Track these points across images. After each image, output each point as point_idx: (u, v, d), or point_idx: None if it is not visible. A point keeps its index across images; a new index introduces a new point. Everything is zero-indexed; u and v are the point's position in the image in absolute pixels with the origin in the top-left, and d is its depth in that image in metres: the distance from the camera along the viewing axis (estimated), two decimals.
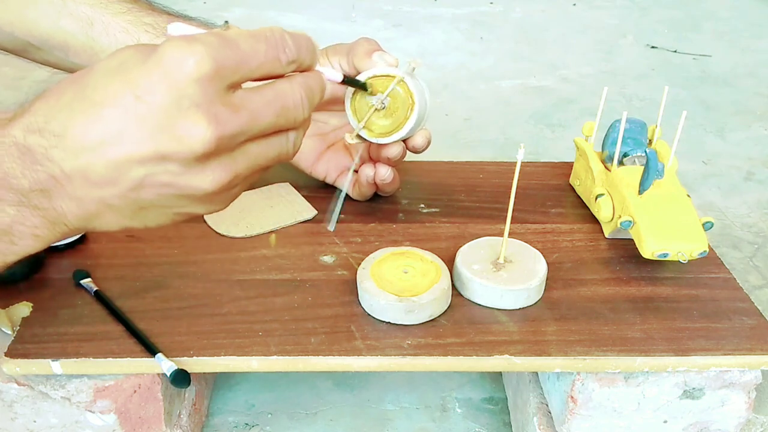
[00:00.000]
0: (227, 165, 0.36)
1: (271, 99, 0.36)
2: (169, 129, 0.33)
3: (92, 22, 0.61)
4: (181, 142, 0.34)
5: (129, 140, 0.34)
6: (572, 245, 0.60)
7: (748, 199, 1.02)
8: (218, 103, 0.34)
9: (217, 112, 0.34)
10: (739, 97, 1.37)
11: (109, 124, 0.34)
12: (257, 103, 0.36)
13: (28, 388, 0.49)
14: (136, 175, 0.35)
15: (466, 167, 0.72)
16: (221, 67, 0.34)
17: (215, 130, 0.34)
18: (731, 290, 0.56)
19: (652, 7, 1.92)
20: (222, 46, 0.34)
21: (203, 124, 0.34)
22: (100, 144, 0.34)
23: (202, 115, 0.34)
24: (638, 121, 0.63)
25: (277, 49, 0.36)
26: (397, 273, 0.52)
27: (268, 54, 0.36)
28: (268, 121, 0.36)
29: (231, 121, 0.34)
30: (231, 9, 1.82)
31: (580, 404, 0.51)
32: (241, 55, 0.35)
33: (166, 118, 0.33)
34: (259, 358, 0.48)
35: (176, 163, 0.34)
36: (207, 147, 0.34)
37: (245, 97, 0.35)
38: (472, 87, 1.40)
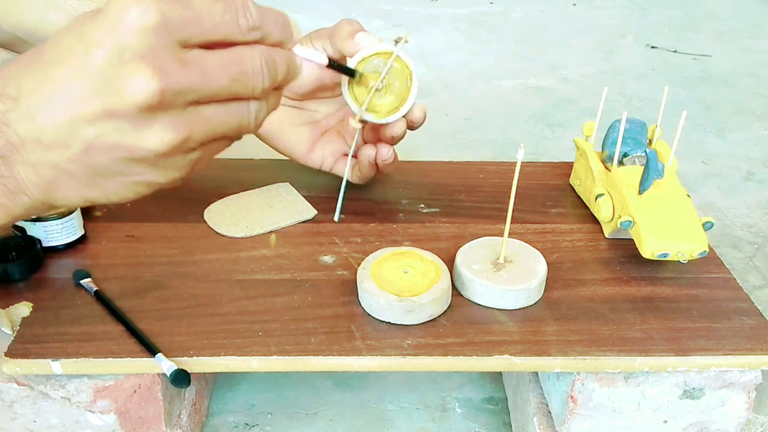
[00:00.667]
0: (176, 123, 0.34)
1: (227, 61, 0.35)
2: (112, 82, 0.33)
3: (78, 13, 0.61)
4: (122, 95, 0.33)
5: (77, 97, 0.33)
6: (572, 245, 0.60)
7: (748, 199, 1.02)
8: (164, 56, 0.33)
9: (162, 63, 0.33)
10: (739, 97, 1.37)
11: (58, 83, 0.33)
12: (211, 63, 0.34)
13: (28, 388, 0.49)
14: (86, 135, 0.34)
15: (466, 167, 0.72)
16: (168, 20, 0.33)
17: (159, 80, 0.32)
18: (731, 290, 0.56)
19: (652, 7, 1.92)
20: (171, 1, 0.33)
21: (146, 74, 0.32)
22: (50, 104, 0.33)
23: (144, 65, 0.32)
24: (638, 121, 0.63)
25: (236, 13, 0.35)
26: (397, 273, 0.52)
27: (224, 16, 0.34)
28: (222, 83, 0.35)
29: (178, 74, 0.33)
30: None
31: (580, 404, 0.51)
32: (192, 12, 0.34)
33: (110, 70, 0.33)
34: (259, 358, 0.48)
35: (122, 119, 0.33)
36: (150, 98, 0.33)
37: (197, 55, 0.34)
38: (472, 87, 1.40)
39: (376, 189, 0.67)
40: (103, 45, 0.33)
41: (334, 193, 0.64)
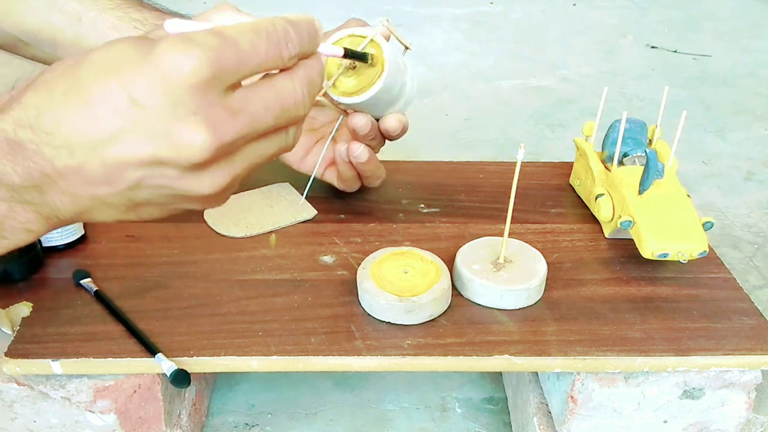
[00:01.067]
0: (226, 169, 0.35)
1: (272, 101, 0.35)
2: (166, 135, 0.32)
3: (81, 18, 0.60)
4: (178, 150, 0.33)
5: (125, 143, 0.33)
6: (572, 245, 0.60)
7: (748, 199, 1.02)
8: (216, 108, 0.33)
9: (215, 118, 0.33)
10: (739, 97, 1.37)
11: (104, 125, 0.33)
12: (257, 106, 0.35)
13: (28, 388, 0.49)
14: (132, 176, 0.34)
15: (466, 167, 0.72)
16: (220, 71, 0.33)
17: (214, 137, 0.33)
18: (731, 290, 0.56)
19: (652, 7, 1.92)
20: (221, 48, 0.33)
21: (202, 133, 0.32)
22: (95, 144, 0.33)
23: (200, 123, 0.32)
24: (638, 121, 0.63)
25: (279, 46, 0.35)
26: (397, 273, 0.52)
27: (269, 52, 0.35)
28: (268, 123, 0.36)
29: (230, 126, 0.33)
30: None
31: (580, 404, 0.51)
32: (240, 56, 0.33)
33: (163, 124, 0.32)
34: (259, 358, 0.48)
35: (174, 168, 0.34)
36: (206, 155, 0.33)
37: (244, 99, 0.34)
38: (472, 87, 1.40)
39: (376, 189, 0.66)
40: (154, 97, 0.32)
41: (334, 194, 0.64)
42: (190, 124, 0.32)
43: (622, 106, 1.28)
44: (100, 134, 0.33)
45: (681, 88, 1.39)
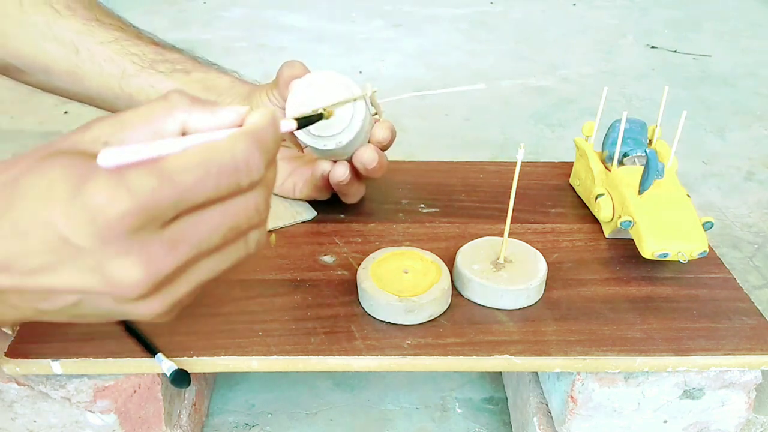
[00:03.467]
0: (167, 296, 0.33)
1: (218, 223, 0.32)
2: (99, 272, 0.31)
3: (77, 49, 0.59)
4: (113, 286, 0.31)
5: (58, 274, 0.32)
6: (572, 245, 0.60)
7: (748, 199, 1.02)
8: (151, 245, 0.31)
9: (150, 254, 0.31)
10: (739, 97, 1.37)
11: (36, 256, 0.31)
12: (201, 231, 0.32)
13: (28, 388, 0.49)
14: (70, 299, 0.33)
15: (466, 167, 0.72)
16: (153, 213, 0.30)
17: (148, 274, 0.31)
18: (731, 290, 0.56)
19: (652, 7, 1.92)
20: (155, 191, 0.30)
21: (134, 271, 0.31)
22: (29, 271, 0.32)
23: (132, 262, 0.31)
24: (638, 121, 0.63)
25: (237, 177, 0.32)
26: (397, 273, 0.52)
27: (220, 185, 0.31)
28: (215, 243, 0.33)
29: (168, 259, 0.31)
30: (231, 9, 1.82)
31: (580, 404, 0.51)
32: (180, 194, 0.31)
33: (95, 262, 0.31)
34: (259, 358, 0.48)
35: (111, 298, 0.32)
36: (142, 290, 0.31)
37: (185, 229, 0.32)
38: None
39: (376, 189, 0.66)
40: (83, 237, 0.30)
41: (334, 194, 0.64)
42: (122, 264, 0.31)
43: (622, 106, 1.28)
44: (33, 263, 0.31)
45: (681, 88, 1.39)
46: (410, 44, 1.62)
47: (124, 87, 0.60)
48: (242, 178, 0.32)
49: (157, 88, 0.59)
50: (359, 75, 1.43)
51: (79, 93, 0.62)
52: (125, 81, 0.60)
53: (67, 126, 1.17)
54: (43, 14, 0.59)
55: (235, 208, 0.33)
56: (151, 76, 0.60)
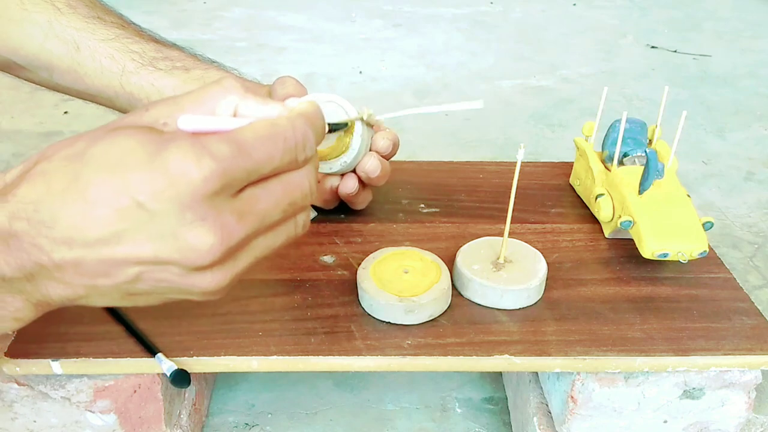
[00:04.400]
0: (231, 268, 0.34)
1: (280, 196, 0.34)
2: (171, 238, 0.32)
3: (78, 47, 0.60)
4: (184, 253, 0.32)
5: (127, 242, 0.32)
6: (572, 245, 0.60)
7: (748, 199, 1.02)
8: (225, 213, 0.32)
9: (223, 222, 0.32)
10: (739, 97, 1.37)
11: (105, 225, 0.32)
12: (265, 204, 0.34)
13: (28, 388, 0.49)
14: (132, 271, 0.33)
15: (466, 167, 0.72)
16: (231, 180, 0.32)
17: (221, 242, 0.32)
18: (731, 290, 0.56)
19: (652, 7, 1.92)
20: (233, 158, 0.32)
21: (209, 238, 0.32)
22: (94, 242, 0.32)
23: (208, 229, 0.32)
24: (638, 121, 0.63)
25: (296, 151, 0.34)
26: (397, 273, 0.52)
27: (284, 158, 0.34)
28: (276, 218, 0.35)
29: (238, 229, 0.33)
30: (231, 9, 1.82)
31: (580, 404, 0.51)
32: (254, 164, 0.33)
33: (169, 227, 0.32)
34: (259, 358, 0.48)
35: (177, 267, 0.33)
36: (213, 257, 0.33)
37: (252, 199, 0.34)
38: (472, 87, 1.40)
39: (376, 189, 0.66)
40: (161, 202, 0.31)
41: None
42: (197, 230, 0.32)
43: (622, 106, 1.28)
44: (100, 233, 0.32)
45: (681, 88, 1.39)
46: (410, 44, 1.62)
47: (125, 85, 0.60)
48: (299, 153, 0.34)
49: (157, 85, 0.60)
50: (359, 75, 1.43)
51: (80, 91, 0.62)
52: (125, 78, 0.60)
53: (68, 126, 1.17)
54: (45, 12, 0.59)
55: (293, 182, 0.35)
56: (151, 73, 0.60)
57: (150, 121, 0.35)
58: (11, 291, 0.34)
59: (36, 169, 0.33)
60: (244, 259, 0.35)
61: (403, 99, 1.31)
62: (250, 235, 0.34)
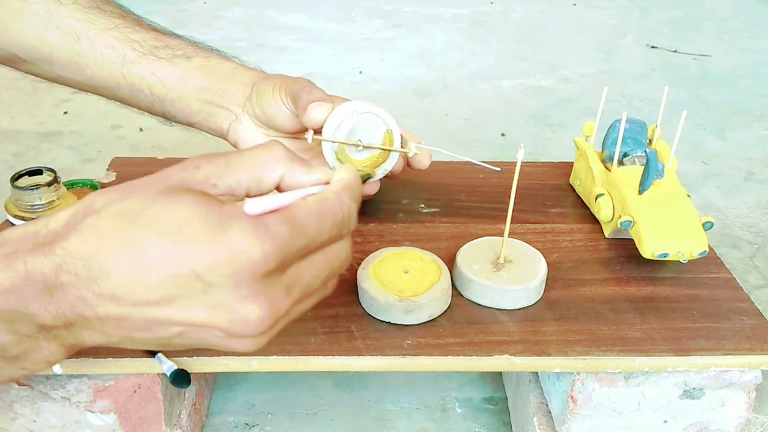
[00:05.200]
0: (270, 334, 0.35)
1: (322, 268, 0.36)
2: (224, 310, 0.33)
3: (78, 37, 0.60)
4: (233, 325, 0.33)
5: (177, 307, 0.33)
6: (572, 245, 0.60)
7: (748, 199, 1.02)
8: (276, 290, 0.33)
9: (274, 298, 0.33)
10: (739, 97, 1.37)
11: (158, 290, 0.32)
12: (309, 276, 0.35)
13: (28, 388, 0.49)
14: (175, 330, 0.34)
15: (466, 167, 0.72)
16: (286, 259, 0.33)
17: (270, 316, 0.33)
18: (731, 290, 0.56)
19: (652, 7, 1.92)
20: (291, 238, 0.33)
21: (260, 312, 0.33)
22: (144, 303, 0.32)
23: (260, 305, 0.33)
24: (638, 121, 0.63)
25: (341, 226, 0.35)
26: (397, 273, 0.52)
27: (332, 234, 0.35)
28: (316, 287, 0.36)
29: (285, 303, 0.34)
30: (231, 9, 1.82)
31: (580, 404, 0.51)
32: (306, 242, 0.34)
33: (223, 300, 0.32)
34: (259, 358, 0.48)
35: (223, 332, 0.34)
36: (260, 330, 0.34)
37: (299, 273, 0.35)
38: (472, 87, 1.40)
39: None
40: (219, 276, 0.32)
41: None
42: (251, 305, 0.33)
43: (622, 106, 1.28)
44: (152, 296, 0.32)
45: (681, 88, 1.39)
46: (410, 44, 1.62)
47: (126, 75, 0.60)
48: (344, 228, 0.36)
49: (159, 75, 0.60)
50: (359, 75, 1.43)
51: (81, 82, 0.62)
52: (126, 69, 0.60)
53: (67, 126, 1.17)
54: (45, 3, 0.59)
55: (333, 253, 0.36)
56: (152, 63, 0.60)
57: (201, 180, 0.35)
58: (47, 338, 0.34)
59: (86, 222, 0.33)
60: (282, 324, 0.36)
61: (403, 99, 1.31)
62: (293, 304, 0.35)
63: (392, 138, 0.58)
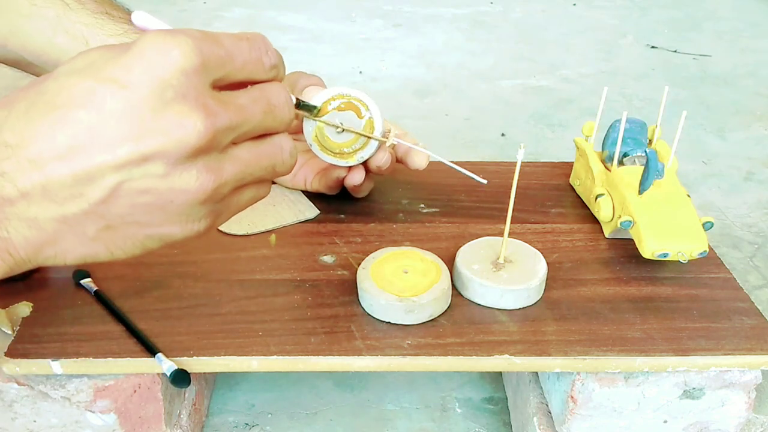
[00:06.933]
0: (213, 166, 0.32)
1: (257, 96, 0.34)
2: (154, 124, 0.30)
3: (87, 42, 0.60)
4: (169, 136, 0.30)
5: (105, 142, 0.30)
6: (572, 245, 0.60)
7: (748, 199, 1.02)
8: (206, 96, 0.31)
9: (206, 103, 0.31)
10: (739, 97, 1.37)
11: (79, 127, 0.30)
12: (244, 99, 0.33)
13: (28, 388, 0.49)
14: (109, 183, 0.30)
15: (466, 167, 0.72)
16: (207, 60, 0.31)
17: (207, 121, 0.31)
18: (731, 290, 0.56)
19: (652, 7, 1.92)
20: (206, 40, 0.32)
21: (195, 116, 0.30)
22: (67, 151, 0.30)
23: (192, 107, 0.31)
24: (638, 121, 0.63)
25: (260, 51, 0.34)
26: (397, 273, 0.52)
27: (251, 53, 0.34)
28: (257, 119, 0.34)
29: (221, 113, 0.32)
30: (231, 9, 1.82)
31: (580, 404, 0.51)
32: (225, 51, 0.33)
33: (151, 112, 0.30)
34: (259, 358, 0.48)
35: (161, 161, 0.31)
36: (201, 139, 0.31)
37: (231, 94, 0.33)
38: (472, 87, 1.40)
39: (376, 189, 0.66)
40: (139, 85, 0.30)
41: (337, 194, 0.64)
42: (180, 108, 0.30)
43: (622, 106, 1.28)
44: (73, 138, 0.30)
45: (681, 88, 1.39)
46: (410, 44, 1.62)
47: None
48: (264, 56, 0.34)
49: None
50: (359, 75, 1.43)
51: None
52: None
53: None
54: (54, 7, 0.60)
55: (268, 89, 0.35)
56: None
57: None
58: None
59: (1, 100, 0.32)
60: (230, 167, 0.33)
61: (403, 99, 1.31)
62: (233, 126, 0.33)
63: (373, 126, 0.57)
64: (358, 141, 0.57)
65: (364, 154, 0.58)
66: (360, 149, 0.58)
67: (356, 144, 0.57)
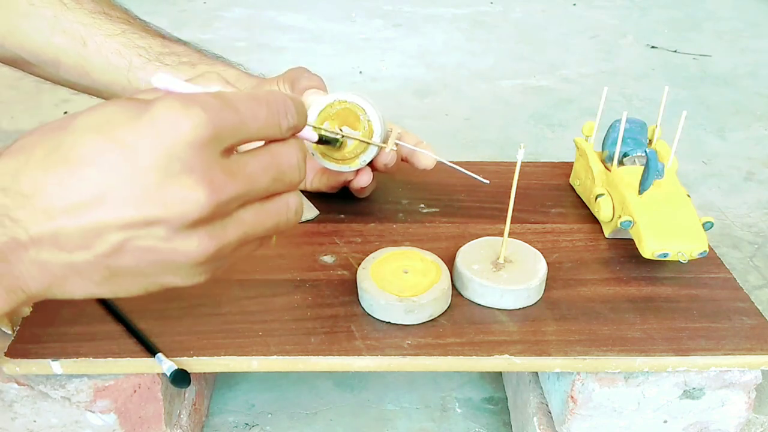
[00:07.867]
0: (219, 232, 0.33)
1: (268, 163, 0.34)
2: (157, 193, 0.31)
3: (85, 42, 0.60)
4: (171, 209, 0.31)
5: (111, 203, 0.31)
6: (572, 245, 0.60)
7: (748, 199, 1.02)
8: (214, 168, 0.32)
9: (213, 176, 0.32)
10: (739, 97, 1.37)
11: (89, 185, 0.31)
12: (253, 167, 0.34)
13: (28, 388, 0.49)
14: (114, 239, 0.31)
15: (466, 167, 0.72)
16: (219, 131, 0.32)
17: (211, 195, 0.31)
18: (731, 290, 0.56)
19: (652, 7, 1.92)
20: (221, 110, 0.32)
21: (199, 190, 0.31)
22: (76, 206, 0.31)
23: (196, 180, 0.31)
24: (638, 121, 0.63)
25: (279, 116, 0.34)
26: (397, 273, 0.52)
27: (268, 119, 0.34)
28: (265, 186, 0.34)
29: (227, 186, 0.32)
30: (231, 9, 1.82)
31: (580, 404, 0.51)
32: (240, 119, 0.33)
33: (156, 181, 0.31)
34: (259, 358, 0.48)
35: (164, 227, 0.31)
36: (202, 213, 0.31)
37: (241, 161, 0.33)
38: (472, 87, 1.40)
39: (376, 189, 0.66)
40: (148, 154, 0.30)
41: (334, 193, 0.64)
42: (185, 180, 0.31)
43: (622, 106, 1.28)
44: (83, 195, 0.31)
45: (681, 88, 1.39)
46: (410, 44, 1.62)
47: (132, 80, 0.61)
48: (282, 119, 0.34)
49: None
50: (359, 75, 1.43)
51: (87, 86, 0.63)
52: (132, 74, 0.60)
53: None
54: (52, 7, 0.60)
55: (280, 152, 0.35)
56: (158, 69, 0.60)
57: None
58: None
59: (17, 143, 0.32)
60: (233, 230, 0.34)
61: (403, 99, 1.31)
62: (240, 196, 0.33)
63: (372, 129, 0.57)
64: (359, 145, 0.57)
65: (366, 158, 0.58)
66: (362, 153, 0.58)
67: (357, 149, 0.57)
